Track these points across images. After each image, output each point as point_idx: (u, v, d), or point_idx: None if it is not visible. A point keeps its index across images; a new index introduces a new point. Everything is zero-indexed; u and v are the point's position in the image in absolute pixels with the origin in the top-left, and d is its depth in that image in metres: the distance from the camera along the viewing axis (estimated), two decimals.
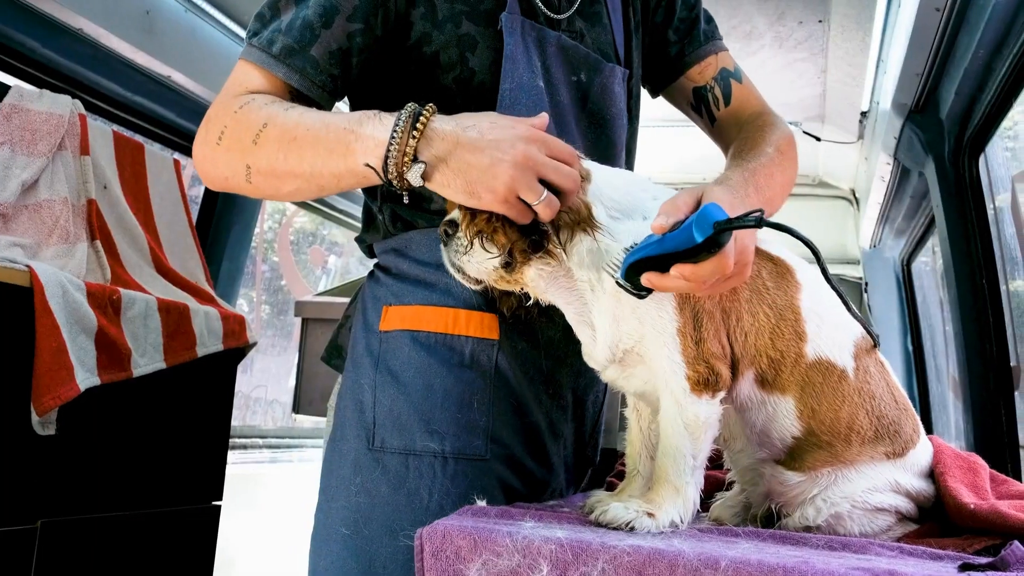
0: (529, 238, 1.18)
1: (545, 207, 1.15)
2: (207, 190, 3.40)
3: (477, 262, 1.22)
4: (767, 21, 3.00)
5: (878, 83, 3.14)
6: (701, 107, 1.65)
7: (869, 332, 1.32)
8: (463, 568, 1.01)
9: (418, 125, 1.17)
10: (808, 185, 4.68)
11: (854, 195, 4.65)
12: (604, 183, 1.24)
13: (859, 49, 3.02)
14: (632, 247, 1.16)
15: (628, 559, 0.96)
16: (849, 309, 1.27)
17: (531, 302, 1.29)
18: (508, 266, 1.21)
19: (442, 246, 1.27)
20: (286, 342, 5.51)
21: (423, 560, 1.03)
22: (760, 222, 1.08)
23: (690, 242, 1.08)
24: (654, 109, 1.84)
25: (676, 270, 1.09)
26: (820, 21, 2.94)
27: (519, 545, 0.99)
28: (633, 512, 1.13)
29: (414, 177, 1.18)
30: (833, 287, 1.22)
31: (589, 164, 1.26)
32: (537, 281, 1.22)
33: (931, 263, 4.08)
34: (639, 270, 1.13)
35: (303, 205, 4.42)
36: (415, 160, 1.17)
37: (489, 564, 1.00)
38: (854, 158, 4.08)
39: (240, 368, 2.63)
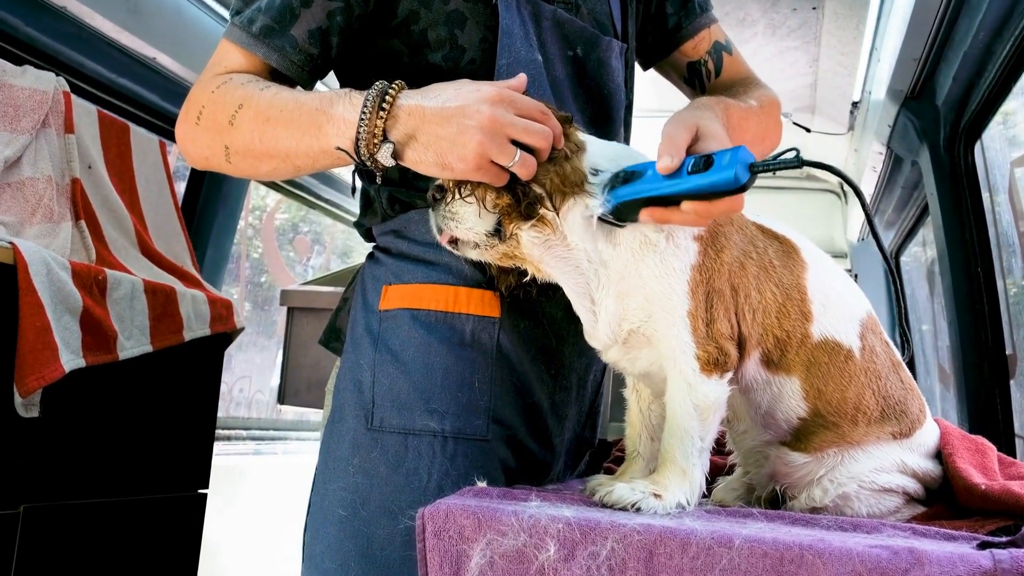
0: (520, 204, 1.16)
1: (520, 167, 1.14)
2: (191, 178, 3.34)
3: (466, 227, 1.20)
4: (761, 8, 2.96)
5: (871, 72, 3.13)
6: (694, 80, 1.65)
7: (904, 336, 1.31)
8: (467, 548, 0.98)
9: (384, 104, 1.16)
10: (796, 178, 4.68)
11: (843, 188, 4.65)
12: (598, 154, 1.21)
13: (852, 37, 3.00)
14: (618, 178, 1.15)
15: (639, 538, 0.93)
16: (900, 308, 1.27)
17: (528, 278, 1.27)
18: (498, 233, 1.18)
19: (430, 211, 1.25)
20: (267, 340, 5.47)
21: (425, 540, 1.00)
22: (801, 161, 1.06)
23: (729, 184, 1.06)
24: (650, 100, 1.82)
25: (690, 207, 1.08)
26: (814, 8, 2.91)
27: (525, 524, 0.96)
28: (639, 493, 1.11)
29: (385, 157, 1.17)
30: (884, 256, 1.23)
31: (584, 136, 1.24)
32: (532, 249, 1.19)
33: (920, 256, 4.08)
34: (633, 207, 1.13)
35: (288, 194, 4.36)
36: (385, 140, 1.16)
37: (494, 544, 0.97)
38: (844, 150, 4.07)
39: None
